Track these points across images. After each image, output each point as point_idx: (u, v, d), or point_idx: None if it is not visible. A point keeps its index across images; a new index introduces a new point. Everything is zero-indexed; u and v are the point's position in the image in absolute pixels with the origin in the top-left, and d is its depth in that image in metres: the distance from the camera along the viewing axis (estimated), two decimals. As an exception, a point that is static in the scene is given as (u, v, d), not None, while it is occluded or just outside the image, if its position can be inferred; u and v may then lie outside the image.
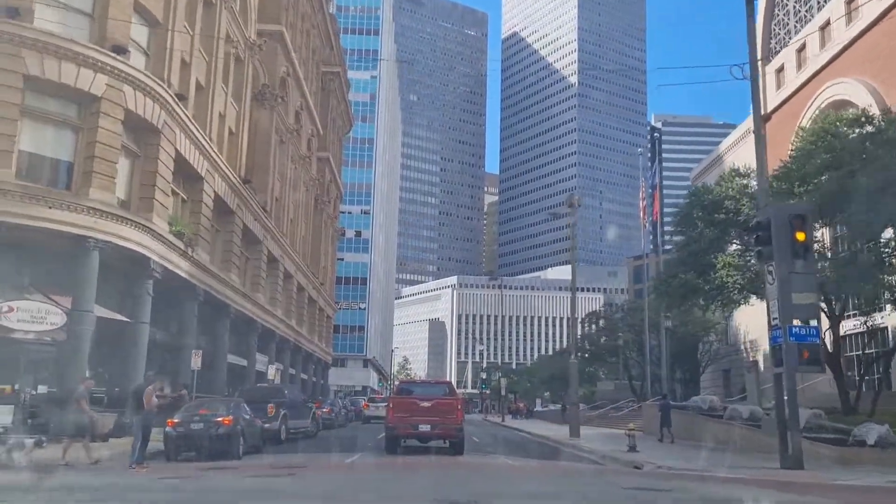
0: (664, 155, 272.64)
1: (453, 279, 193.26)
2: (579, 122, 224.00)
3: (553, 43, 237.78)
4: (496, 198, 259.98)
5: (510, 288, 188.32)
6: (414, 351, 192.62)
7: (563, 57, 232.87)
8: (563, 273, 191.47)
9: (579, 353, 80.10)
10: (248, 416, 19.33)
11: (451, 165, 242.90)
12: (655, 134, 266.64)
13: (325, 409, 32.84)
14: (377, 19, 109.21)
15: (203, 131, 28.48)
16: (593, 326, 69.18)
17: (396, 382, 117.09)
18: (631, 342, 58.83)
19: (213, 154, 29.43)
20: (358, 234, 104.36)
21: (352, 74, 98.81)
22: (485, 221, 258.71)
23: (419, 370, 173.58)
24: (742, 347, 61.26)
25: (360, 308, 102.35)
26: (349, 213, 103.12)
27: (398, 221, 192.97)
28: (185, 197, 27.91)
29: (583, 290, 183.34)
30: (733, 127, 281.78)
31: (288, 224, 45.81)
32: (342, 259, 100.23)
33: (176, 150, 25.35)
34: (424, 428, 19.65)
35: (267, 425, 22.58)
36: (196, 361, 25.33)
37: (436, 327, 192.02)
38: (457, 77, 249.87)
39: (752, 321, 53.24)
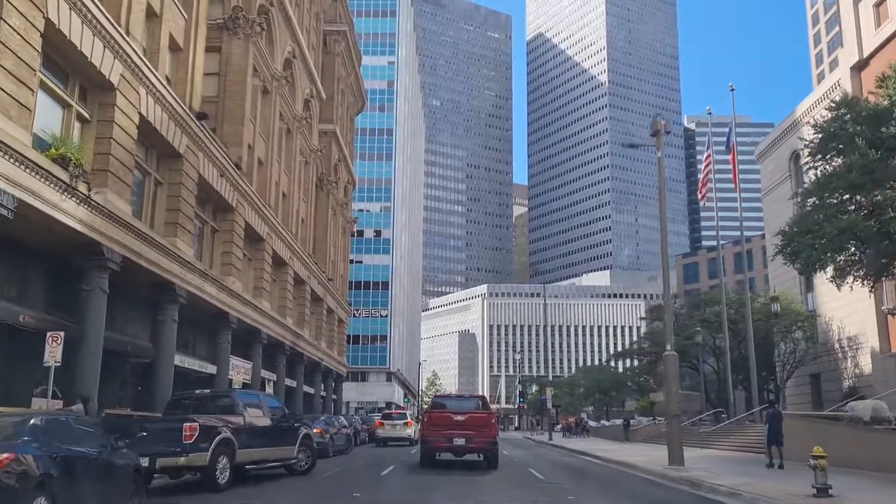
0: (698, 157, 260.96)
1: (483, 288, 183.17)
2: (611, 122, 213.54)
3: (580, 42, 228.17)
4: (525, 209, 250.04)
5: (544, 296, 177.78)
6: (443, 365, 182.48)
7: (592, 56, 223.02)
8: (598, 279, 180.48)
9: (636, 358, 68.33)
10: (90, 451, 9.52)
11: (477, 172, 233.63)
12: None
13: (313, 431, 23.24)
14: (394, 0, 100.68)
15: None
16: (650, 327, 58.51)
17: (427, 399, 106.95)
18: (704, 342, 48.31)
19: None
20: (377, 233, 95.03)
21: (367, 61, 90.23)
22: (514, 233, 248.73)
23: (449, 385, 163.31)
24: (836, 347, 50.58)
25: (381, 315, 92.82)
26: (367, 210, 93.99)
27: (423, 231, 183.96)
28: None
29: (621, 296, 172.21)
30: (770, 126, 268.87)
31: (275, 192, 36.54)
32: (361, 262, 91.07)
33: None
34: (459, 441, 19.80)
35: (175, 460, 13.05)
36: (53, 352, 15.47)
37: (466, 339, 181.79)
38: (481, 81, 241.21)
39: (847, 313, 42.73)
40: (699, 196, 47.32)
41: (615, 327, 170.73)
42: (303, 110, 41.36)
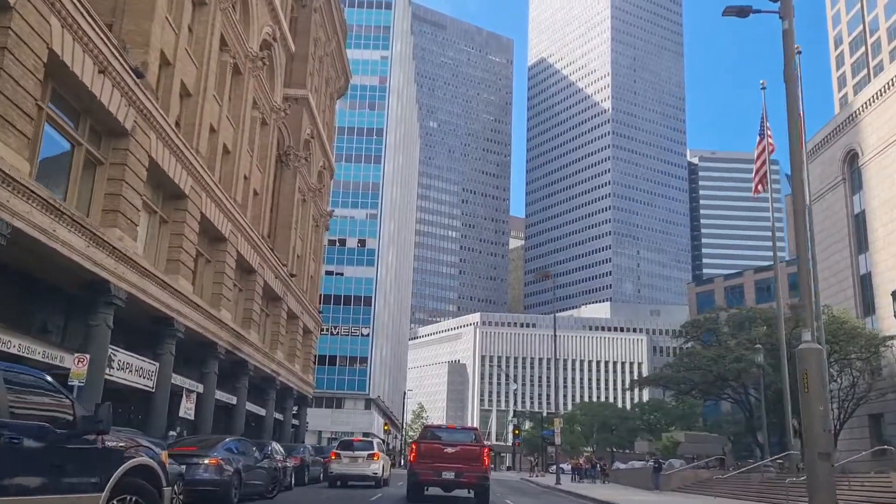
0: (702, 192, 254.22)
1: (476, 316, 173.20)
2: (613, 149, 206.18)
3: (583, 69, 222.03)
4: (521, 242, 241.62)
5: (539, 326, 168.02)
6: (431, 397, 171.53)
7: (595, 83, 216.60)
8: (598, 312, 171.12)
9: (665, 387, 57.35)
10: None
11: (473, 198, 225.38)
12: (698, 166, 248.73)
13: (206, 463, 14.00)
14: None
15: None
16: (682, 348, 48.98)
17: (412, 433, 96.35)
18: (747, 368, 38.83)
19: None
20: (362, 242, 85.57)
21: (358, 54, 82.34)
22: (510, 266, 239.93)
23: (437, 418, 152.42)
24: (905, 383, 41.74)
25: (362, 335, 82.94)
26: (351, 217, 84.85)
27: (414, 256, 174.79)
28: None
29: (622, 330, 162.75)
30: (773, 163, 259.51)
31: (209, 138, 27.46)
32: (341, 273, 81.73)
33: None
34: (448, 475, 18.98)
35: None
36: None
37: (456, 370, 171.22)
38: (480, 105, 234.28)
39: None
40: (753, 189, 38.11)
41: (615, 363, 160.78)
42: (259, 49, 32.41)
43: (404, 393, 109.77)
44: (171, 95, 23.70)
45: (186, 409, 27.04)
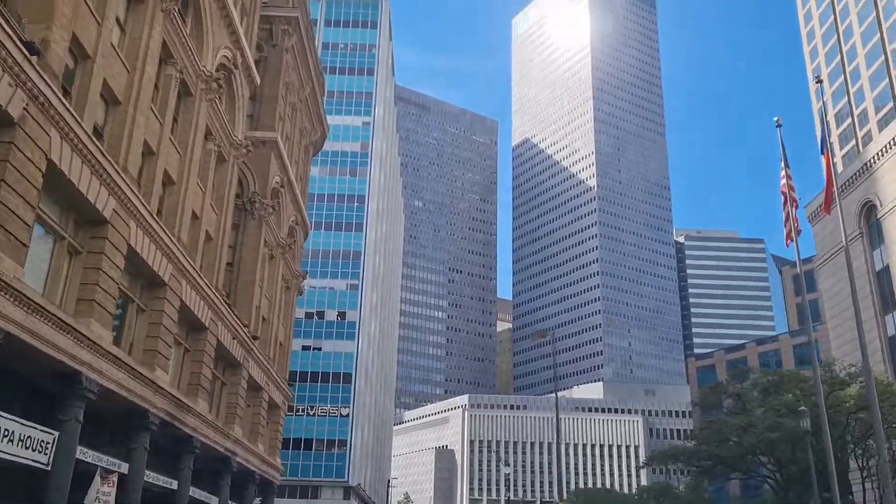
0: (689, 271, 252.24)
1: (464, 399, 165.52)
2: (600, 227, 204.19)
3: (567, 149, 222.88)
4: (508, 325, 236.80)
5: (531, 408, 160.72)
6: (417, 486, 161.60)
7: (579, 161, 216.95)
8: (591, 392, 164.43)
9: (680, 461, 49.45)
10: None
11: (459, 277, 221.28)
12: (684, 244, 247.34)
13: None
14: (371, 57, 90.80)
15: None
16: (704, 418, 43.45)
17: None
18: (784, 438, 33.47)
19: None
20: (341, 315, 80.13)
21: (339, 120, 79.68)
22: (498, 349, 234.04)
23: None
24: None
25: (341, 415, 76.27)
26: (331, 288, 79.78)
27: (399, 337, 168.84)
28: None
29: (616, 411, 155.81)
30: (759, 242, 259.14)
31: (154, 173, 22.90)
32: (319, 348, 76.06)
33: None
34: None
35: None
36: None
37: (444, 456, 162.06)
38: (465, 184, 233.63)
39: None
40: (786, 237, 33.22)
41: (611, 446, 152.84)
42: (215, 70, 28.31)
43: (388, 481, 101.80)
44: (90, 96, 19.23)
45: (102, 494, 21.29)
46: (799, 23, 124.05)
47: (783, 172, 32.35)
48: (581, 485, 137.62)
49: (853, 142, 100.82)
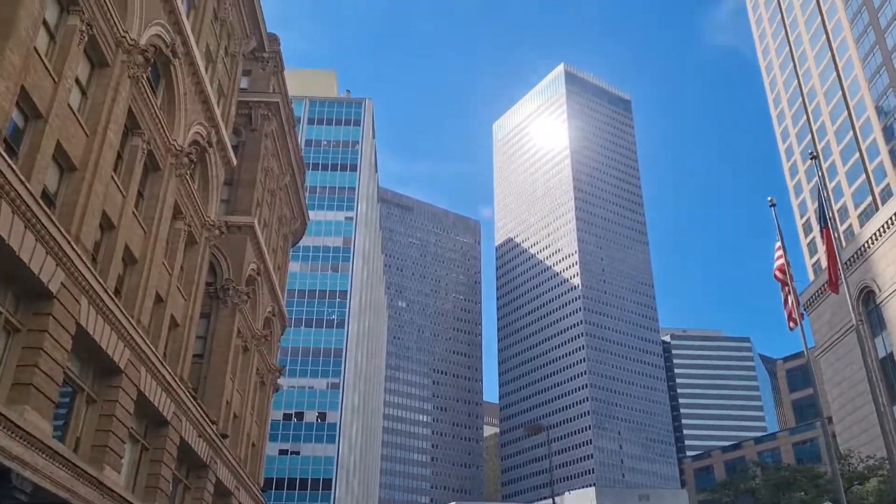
0: (677, 371, 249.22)
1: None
2: (586, 326, 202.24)
3: (549, 248, 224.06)
4: (496, 430, 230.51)
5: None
6: None
7: (562, 261, 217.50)
8: (583, 499, 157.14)
9: None
10: None
11: (444, 379, 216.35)
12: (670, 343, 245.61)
13: None
14: (354, 154, 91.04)
15: None
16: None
17: None
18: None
19: None
20: (321, 416, 76.20)
21: (322, 215, 78.89)
22: (485, 454, 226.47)
23: None
24: None
25: (320, 526, 71.30)
26: (310, 387, 76.27)
27: (383, 443, 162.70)
28: None
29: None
30: (746, 340, 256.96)
31: (113, 248, 21.06)
32: (297, 452, 71.71)
33: None
34: None
35: None
36: None
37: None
38: (449, 284, 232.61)
39: None
40: (788, 319, 31.16)
41: None
42: (187, 145, 26.93)
43: None
44: (40, 157, 17.53)
45: None
46: (773, 125, 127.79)
47: (779, 253, 30.83)
48: None
49: (848, 222, 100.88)
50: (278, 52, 41.52)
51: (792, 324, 30.89)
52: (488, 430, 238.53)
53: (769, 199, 34.83)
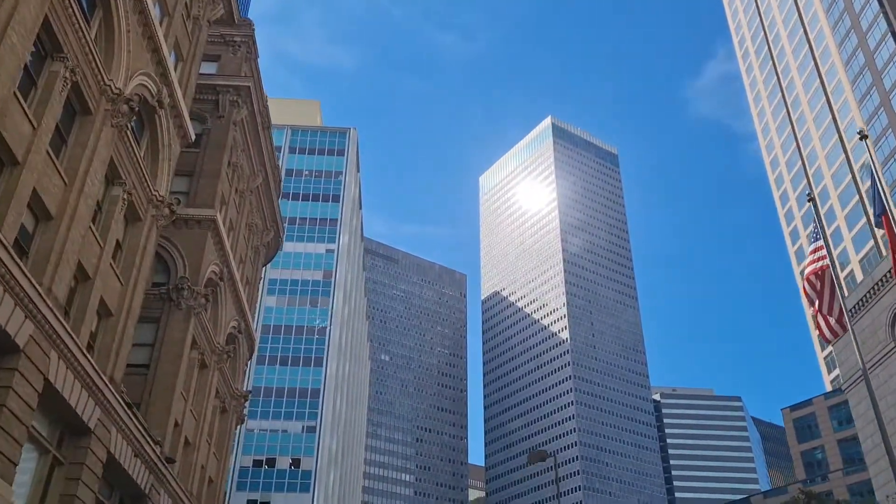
0: (668, 430, 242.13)
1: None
2: (575, 382, 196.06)
3: (536, 301, 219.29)
4: (482, 493, 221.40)
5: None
6: None
7: (549, 314, 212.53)
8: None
9: None
10: None
11: (428, 436, 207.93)
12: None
13: None
14: (337, 184, 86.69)
15: None
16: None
17: None
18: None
19: None
20: (295, 462, 69.58)
21: (302, 247, 74.44)
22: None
23: None
24: None
25: (290, 586, 63.91)
26: (283, 431, 69.92)
27: (362, 503, 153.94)
28: None
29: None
30: (737, 399, 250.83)
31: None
32: (267, 503, 64.89)
33: None
34: None
35: None
36: None
37: None
38: (434, 337, 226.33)
39: None
40: (823, 333, 26.53)
41: None
42: (129, 92, 22.42)
43: None
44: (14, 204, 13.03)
45: None
46: (768, 176, 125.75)
47: (819, 254, 26.39)
48: None
49: (849, 267, 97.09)
50: (252, 38, 37.62)
51: (833, 336, 26.30)
52: (473, 494, 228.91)
53: (808, 194, 30.62)
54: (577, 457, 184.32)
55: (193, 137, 28.90)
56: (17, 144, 16.79)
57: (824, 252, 25.61)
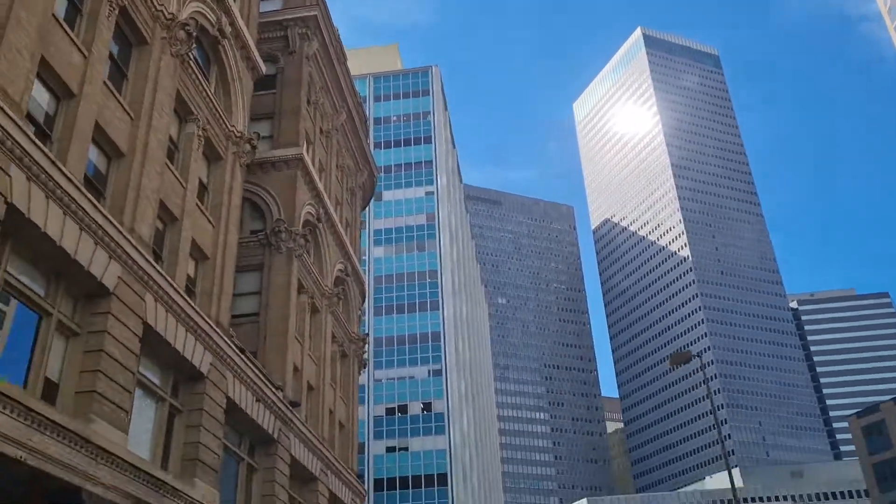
0: (809, 338, 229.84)
1: (582, 503, 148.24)
2: (703, 299, 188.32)
3: (651, 222, 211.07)
4: (620, 425, 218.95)
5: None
6: None
7: (666, 233, 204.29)
8: (727, 481, 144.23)
9: None
10: None
11: (557, 373, 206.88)
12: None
13: None
14: (427, 125, 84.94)
15: None
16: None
17: None
18: None
19: None
20: (426, 406, 69.89)
21: (401, 194, 73.34)
22: (612, 451, 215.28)
23: None
24: None
25: (439, 526, 64.74)
26: (411, 377, 70.15)
27: (500, 444, 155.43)
28: None
29: (760, 500, 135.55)
30: (884, 296, 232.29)
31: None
32: (405, 448, 65.63)
33: None
34: None
35: None
36: None
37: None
38: (549, 274, 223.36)
39: None
40: None
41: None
42: (185, 17, 20.96)
43: None
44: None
45: None
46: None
47: None
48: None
49: None
50: (313, -34, 35.58)
51: None
52: (611, 427, 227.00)
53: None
54: (715, 375, 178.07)
55: (264, 70, 27.50)
56: (69, 74, 15.64)
57: None
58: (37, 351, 14.37)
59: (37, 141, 13.52)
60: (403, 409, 69.18)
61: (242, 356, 22.60)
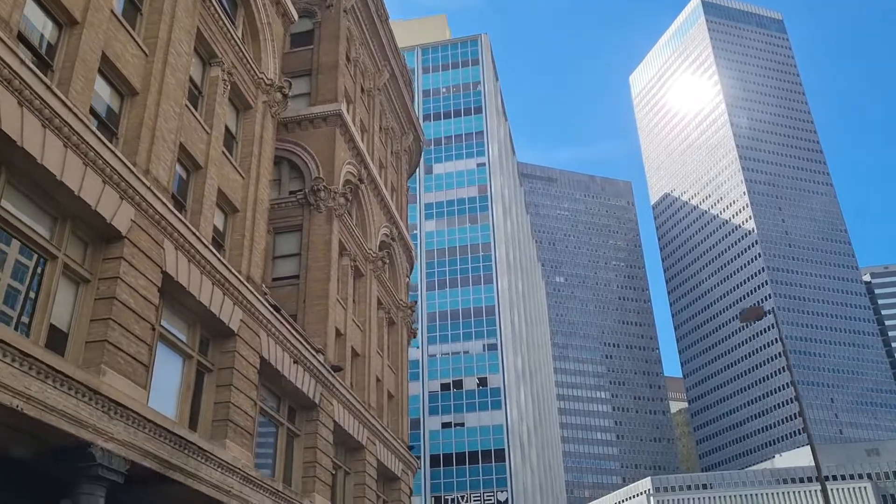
0: (883, 312, 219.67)
1: (646, 483, 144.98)
2: (770, 273, 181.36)
3: (713, 195, 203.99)
4: (684, 405, 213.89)
5: (724, 485, 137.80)
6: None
7: (729, 206, 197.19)
8: (798, 459, 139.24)
9: None
10: None
11: (617, 352, 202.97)
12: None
13: None
14: (477, 95, 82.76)
15: None
16: None
17: None
18: None
19: None
20: (481, 381, 68.42)
21: (452, 166, 71.81)
22: (677, 431, 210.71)
23: None
24: None
25: (499, 501, 63.15)
26: (466, 352, 68.71)
27: (560, 423, 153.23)
28: None
29: (835, 478, 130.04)
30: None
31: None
32: (462, 424, 64.57)
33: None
34: None
35: None
36: None
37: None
38: (608, 251, 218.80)
39: None
40: None
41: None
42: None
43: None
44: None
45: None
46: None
47: None
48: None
49: None
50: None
51: None
52: (674, 406, 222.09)
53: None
54: (779, 353, 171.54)
55: (296, 16, 26.12)
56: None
57: None
58: (41, 296, 13.27)
59: (29, 63, 12.27)
60: (458, 384, 67.94)
61: (277, 315, 21.36)
